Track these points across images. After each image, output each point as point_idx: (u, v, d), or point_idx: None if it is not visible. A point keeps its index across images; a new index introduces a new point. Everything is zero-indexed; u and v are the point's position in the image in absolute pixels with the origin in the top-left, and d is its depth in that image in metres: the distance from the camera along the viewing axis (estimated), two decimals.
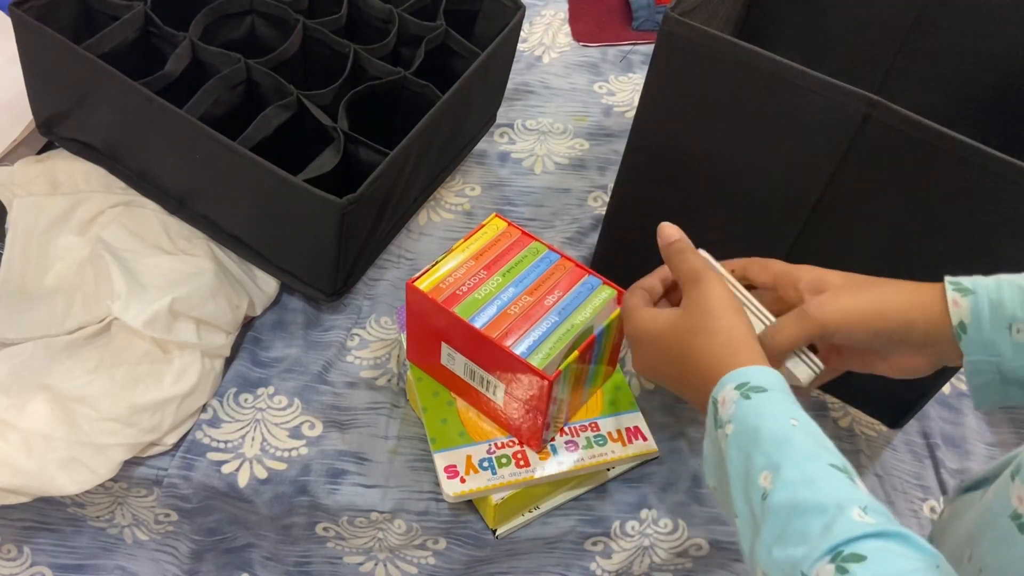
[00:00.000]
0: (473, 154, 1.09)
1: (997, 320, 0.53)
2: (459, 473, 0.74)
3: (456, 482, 0.73)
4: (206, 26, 0.91)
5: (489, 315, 0.72)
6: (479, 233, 0.78)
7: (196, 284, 0.83)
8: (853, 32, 0.98)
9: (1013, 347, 0.53)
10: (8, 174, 0.92)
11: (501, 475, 0.74)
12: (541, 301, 0.73)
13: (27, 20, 0.83)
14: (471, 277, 0.74)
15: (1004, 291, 0.54)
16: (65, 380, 0.78)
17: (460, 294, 0.73)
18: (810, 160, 0.72)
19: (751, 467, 0.48)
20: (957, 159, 0.64)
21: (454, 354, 0.75)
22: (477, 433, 0.76)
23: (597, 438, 0.77)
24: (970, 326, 0.54)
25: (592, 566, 0.82)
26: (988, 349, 0.54)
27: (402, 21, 0.97)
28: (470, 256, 0.76)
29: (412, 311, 0.76)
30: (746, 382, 0.51)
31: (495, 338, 0.70)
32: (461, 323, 0.71)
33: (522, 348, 0.70)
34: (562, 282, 0.75)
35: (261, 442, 0.82)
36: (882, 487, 0.84)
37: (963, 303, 0.55)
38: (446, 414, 0.77)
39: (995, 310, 0.54)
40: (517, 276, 0.75)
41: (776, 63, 0.68)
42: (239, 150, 0.79)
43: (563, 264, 0.77)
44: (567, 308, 0.73)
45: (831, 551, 0.42)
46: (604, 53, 1.27)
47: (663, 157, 0.81)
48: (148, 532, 0.86)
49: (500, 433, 0.76)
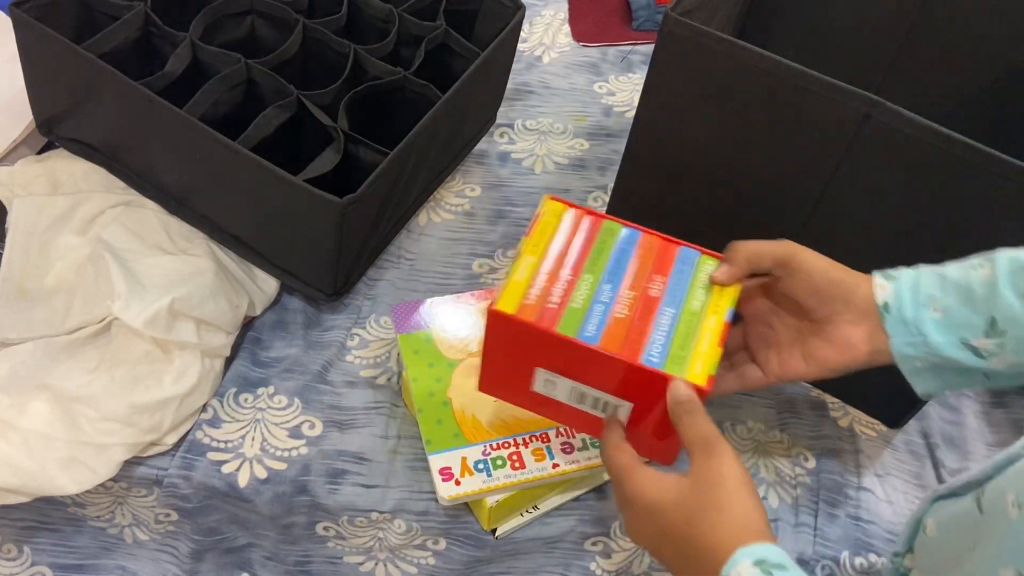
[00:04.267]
0: (473, 154, 1.09)
1: (916, 300, 0.58)
2: (454, 475, 0.73)
3: (451, 484, 0.73)
4: (206, 26, 0.91)
5: (596, 326, 0.60)
6: (540, 224, 0.65)
7: (196, 284, 0.83)
8: (853, 32, 0.98)
9: (934, 325, 0.57)
10: (8, 174, 0.92)
11: (496, 477, 0.73)
12: (646, 293, 0.62)
13: (27, 20, 0.83)
14: (556, 283, 0.62)
15: (922, 276, 0.59)
16: (65, 380, 0.78)
17: (553, 308, 0.60)
18: (810, 160, 0.72)
19: None
20: (957, 159, 0.64)
21: (555, 379, 0.63)
22: (472, 434, 0.76)
23: (593, 440, 0.77)
24: (892, 306, 0.59)
25: (592, 566, 0.82)
26: (911, 329, 0.58)
27: (402, 21, 0.97)
28: (543, 255, 0.63)
29: (494, 339, 0.63)
30: (764, 559, 0.47)
31: (618, 354, 0.58)
32: (568, 344, 0.59)
33: (654, 359, 0.58)
34: (657, 263, 0.64)
35: (261, 442, 0.82)
36: (882, 487, 0.84)
37: (887, 286, 0.60)
38: (441, 415, 0.77)
39: (914, 292, 0.58)
40: (606, 269, 0.63)
41: (776, 63, 0.68)
42: (239, 150, 0.79)
43: (648, 240, 0.65)
44: (677, 295, 0.62)
45: None
46: (604, 53, 1.27)
47: (663, 157, 0.81)
48: (148, 532, 0.86)
49: (496, 434, 0.76)
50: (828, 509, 0.82)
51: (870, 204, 0.72)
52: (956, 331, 0.57)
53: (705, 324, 0.60)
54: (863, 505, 0.82)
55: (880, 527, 0.81)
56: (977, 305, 0.57)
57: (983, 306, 0.56)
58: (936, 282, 0.58)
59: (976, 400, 0.93)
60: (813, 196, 0.74)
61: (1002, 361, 0.57)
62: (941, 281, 0.58)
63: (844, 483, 0.84)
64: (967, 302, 0.57)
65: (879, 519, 0.82)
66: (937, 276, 0.58)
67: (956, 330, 0.57)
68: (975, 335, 0.57)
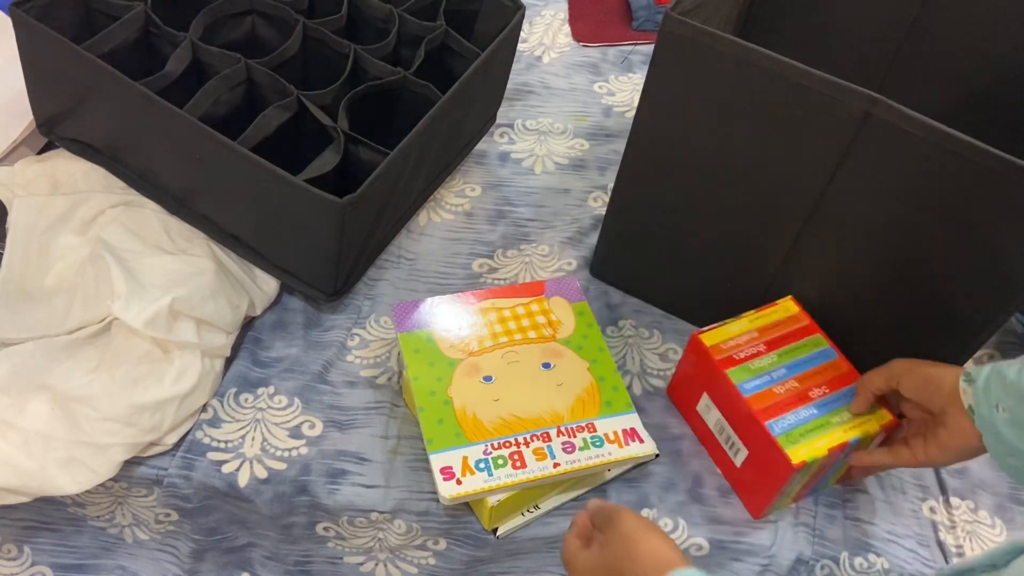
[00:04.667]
0: (473, 154, 1.09)
1: (988, 402, 0.65)
2: (455, 475, 0.74)
3: (452, 484, 0.73)
4: (206, 26, 0.92)
5: (756, 386, 0.76)
6: (770, 310, 0.83)
7: (196, 284, 0.83)
8: (854, 31, 0.98)
9: (1004, 424, 0.64)
10: (8, 174, 0.92)
11: (497, 476, 0.74)
12: (808, 391, 0.77)
13: (27, 20, 0.83)
14: (751, 346, 0.79)
15: (991, 379, 0.65)
16: (65, 380, 0.78)
17: (736, 359, 0.78)
18: (811, 158, 0.72)
19: None
20: (957, 158, 0.64)
21: (711, 407, 0.80)
22: (473, 434, 0.76)
23: (594, 439, 0.77)
24: (975, 408, 0.66)
25: None
26: (990, 428, 0.65)
27: (402, 21, 0.97)
28: (756, 328, 0.81)
29: (689, 357, 0.82)
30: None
31: (756, 410, 0.75)
32: (729, 385, 0.77)
33: (777, 429, 0.73)
34: (833, 380, 0.78)
35: (261, 442, 0.82)
36: (882, 487, 0.84)
37: (968, 391, 0.67)
38: (442, 414, 0.77)
39: (986, 394, 0.65)
40: (792, 360, 0.79)
41: (776, 62, 0.68)
42: (239, 150, 0.79)
43: (838, 363, 0.79)
44: (829, 405, 0.76)
45: None
46: (604, 53, 1.27)
47: (663, 157, 0.81)
48: (148, 532, 0.86)
49: (497, 433, 0.76)
50: (827, 510, 0.82)
51: (870, 203, 0.72)
52: (1022, 428, 0.63)
53: (831, 435, 0.74)
54: (862, 506, 0.82)
55: (879, 527, 0.81)
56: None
57: None
58: (1000, 384, 0.64)
59: None
60: (813, 195, 0.74)
61: None
62: (1002, 383, 0.64)
63: (843, 484, 0.84)
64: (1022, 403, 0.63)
65: (878, 519, 0.82)
66: (1000, 378, 0.64)
67: (1021, 427, 0.63)
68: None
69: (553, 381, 0.80)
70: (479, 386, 0.79)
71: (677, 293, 0.92)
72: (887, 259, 0.75)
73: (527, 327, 0.84)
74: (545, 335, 0.83)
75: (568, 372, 0.81)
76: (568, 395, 0.79)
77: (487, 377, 0.80)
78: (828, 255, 0.79)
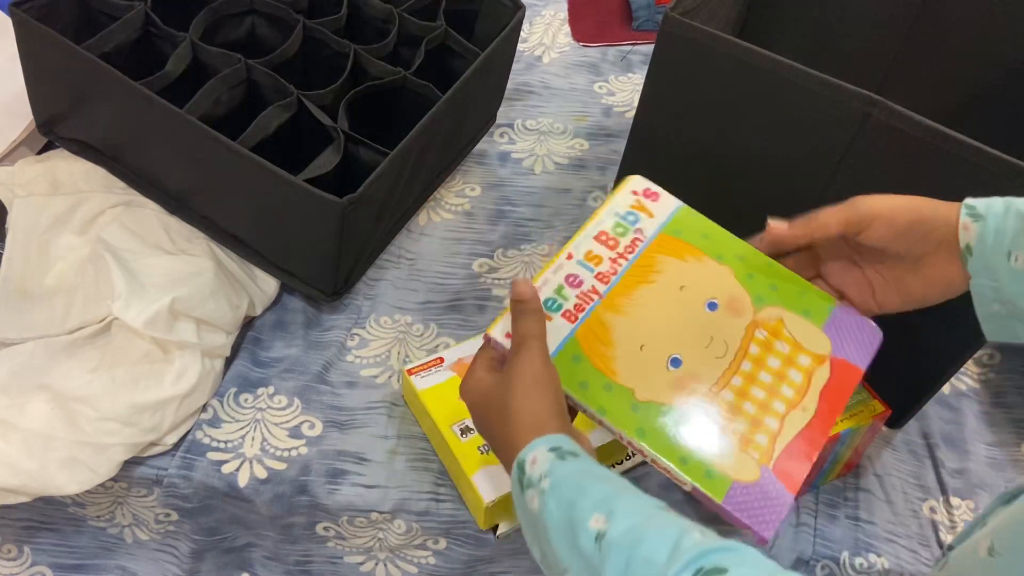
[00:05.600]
0: (473, 154, 1.09)
1: (998, 246, 0.54)
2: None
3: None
4: (206, 26, 0.91)
5: None
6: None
7: (196, 284, 0.83)
8: (853, 32, 0.98)
9: (1010, 274, 0.54)
10: (8, 174, 0.92)
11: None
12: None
13: (27, 20, 0.83)
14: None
15: (1010, 219, 0.54)
16: (65, 380, 0.78)
17: None
18: (810, 159, 0.72)
19: (576, 515, 0.47)
20: (957, 159, 0.64)
21: None
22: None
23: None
24: (975, 249, 0.55)
25: None
26: (989, 273, 0.55)
27: (402, 21, 0.97)
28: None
29: None
30: (559, 446, 0.51)
31: None
32: None
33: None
34: None
35: (261, 442, 0.82)
36: (882, 487, 0.84)
37: (972, 228, 0.55)
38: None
39: (998, 236, 0.54)
40: None
41: (776, 63, 0.68)
42: (239, 150, 0.79)
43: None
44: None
45: (688, 567, 0.42)
46: (604, 53, 1.27)
47: (663, 157, 0.81)
48: (148, 532, 0.86)
49: None
50: (828, 509, 0.82)
51: None
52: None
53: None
54: (863, 505, 0.82)
55: (880, 527, 0.81)
56: None
57: None
58: (1021, 228, 0.54)
59: (976, 400, 0.93)
60: (813, 196, 0.74)
61: None
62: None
63: (844, 483, 0.84)
64: None
65: (879, 519, 0.82)
66: (1022, 222, 0.54)
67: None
68: None
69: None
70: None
71: None
72: None
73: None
74: None
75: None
76: None
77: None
78: None
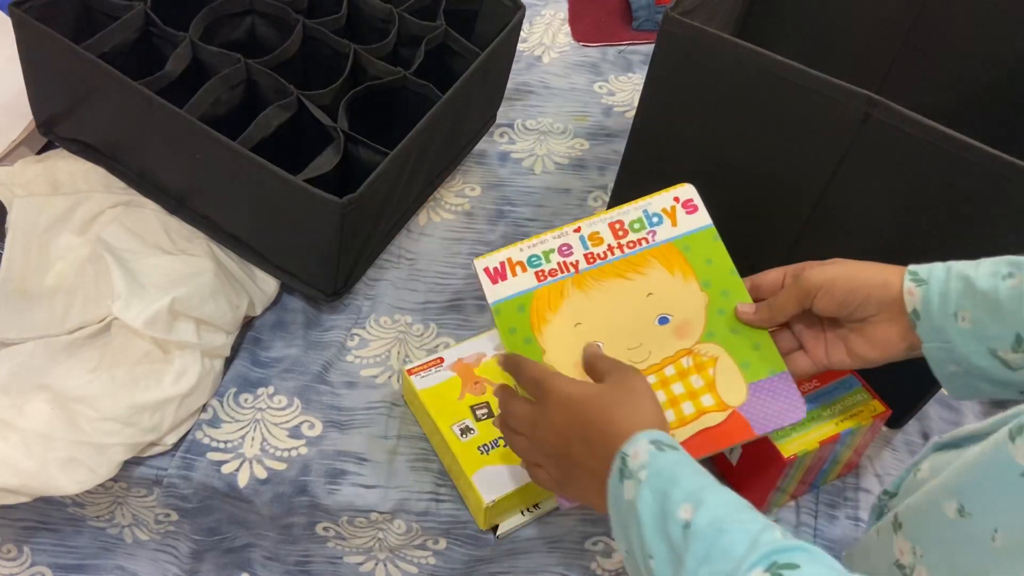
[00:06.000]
0: (473, 154, 1.09)
1: (944, 309, 0.58)
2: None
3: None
4: (206, 26, 0.91)
5: None
6: None
7: (196, 284, 0.83)
8: (853, 31, 0.98)
9: (959, 334, 0.57)
10: (8, 174, 0.92)
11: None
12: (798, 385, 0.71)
13: (27, 20, 0.83)
14: None
15: (952, 281, 0.58)
16: (65, 380, 0.78)
17: None
18: (810, 159, 0.72)
19: (668, 504, 0.49)
20: (957, 159, 0.64)
21: None
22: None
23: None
24: (922, 313, 0.59)
25: (592, 566, 0.82)
26: (939, 335, 0.59)
27: (402, 21, 0.97)
28: None
29: None
30: (658, 439, 0.53)
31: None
32: None
33: None
34: (824, 374, 0.74)
35: (261, 442, 0.82)
36: (882, 487, 0.84)
37: (916, 292, 0.59)
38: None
39: (943, 299, 0.58)
40: None
41: (776, 62, 0.68)
42: (239, 150, 0.79)
43: None
44: (820, 398, 0.75)
45: (763, 560, 0.44)
46: (604, 53, 1.27)
47: (663, 157, 0.81)
48: (148, 532, 0.86)
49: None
50: (828, 510, 0.82)
51: (870, 204, 0.72)
52: (984, 342, 0.57)
53: (822, 427, 0.74)
54: (862, 505, 0.82)
55: None
56: (1004, 318, 0.56)
57: (1010, 320, 0.55)
58: (964, 290, 0.57)
59: (976, 400, 0.93)
60: (813, 196, 0.74)
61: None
62: (969, 289, 0.57)
63: (844, 484, 0.84)
64: (994, 314, 0.56)
65: None
66: (965, 283, 0.57)
67: (984, 341, 0.57)
68: (1002, 347, 0.56)
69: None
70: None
71: None
72: (886, 259, 0.75)
73: None
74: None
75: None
76: None
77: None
78: (827, 255, 0.78)
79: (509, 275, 0.70)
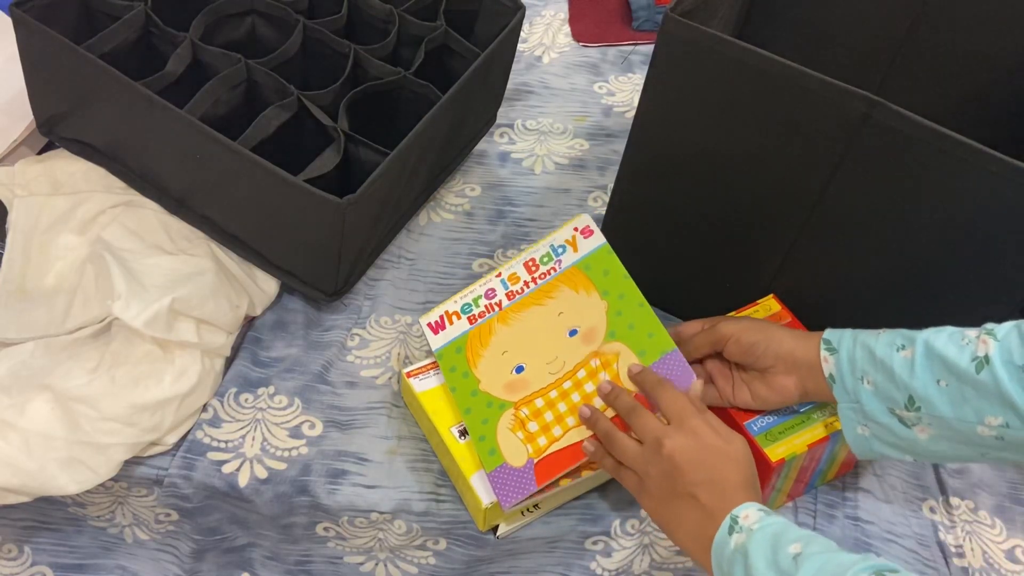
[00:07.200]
0: (473, 154, 1.09)
1: (853, 373, 0.68)
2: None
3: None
4: (206, 26, 0.91)
5: None
6: (752, 309, 0.83)
7: (196, 284, 0.83)
8: (853, 32, 0.98)
9: (865, 395, 0.68)
10: (8, 174, 0.92)
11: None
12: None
13: (27, 20, 0.83)
14: None
15: (857, 349, 0.68)
16: (65, 380, 0.78)
17: None
18: (810, 159, 0.72)
19: (779, 543, 0.58)
20: (957, 159, 0.64)
21: None
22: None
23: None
24: (836, 377, 0.69)
25: (592, 565, 0.82)
26: (851, 396, 0.69)
27: (402, 21, 0.97)
28: None
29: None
30: (765, 509, 0.62)
31: (734, 410, 0.76)
32: None
33: (756, 427, 0.75)
34: None
35: (261, 442, 0.82)
36: (881, 487, 0.84)
37: (830, 360, 0.70)
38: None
39: (851, 365, 0.68)
40: None
41: (776, 63, 0.68)
42: (239, 150, 0.79)
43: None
44: (807, 402, 0.77)
45: (868, 569, 0.53)
46: (604, 53, 1.27)
47: (663, 157, 0.81)
48: (148, 532, 0.86)
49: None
50: (827, 510, 0.82)
51: (869, 204, 0.72)
52: (885, 401, 0.67)
53: (810, 431, 0.75)
54: (862, 505, 0.82)
55: (879, 527, 0.81)
56: (897, 383, 0.65)
57: (902, 384, 0.65)
58: (867, 357, 0.67)
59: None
60: (813, 196, 0.74)
61: (923, 431, 0.66)
62: (871, 357, 0.67)
63: (843, 483, 0.84)
64: (890, 379, 0.66)
65: (878, 519, 0.82)
66: (867, 352, 0.67)
67: (885, 401, 0.67)
68: (898, 407, 0.66)
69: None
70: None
71: (676, 293, 0.92)
72: (886, 259, 0.75)
73: None
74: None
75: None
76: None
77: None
78: (827, 255, 0.79)
79: (447, 324, 0.83)
